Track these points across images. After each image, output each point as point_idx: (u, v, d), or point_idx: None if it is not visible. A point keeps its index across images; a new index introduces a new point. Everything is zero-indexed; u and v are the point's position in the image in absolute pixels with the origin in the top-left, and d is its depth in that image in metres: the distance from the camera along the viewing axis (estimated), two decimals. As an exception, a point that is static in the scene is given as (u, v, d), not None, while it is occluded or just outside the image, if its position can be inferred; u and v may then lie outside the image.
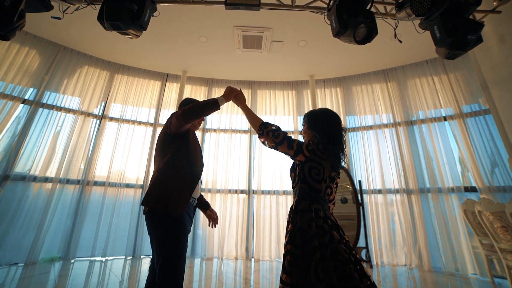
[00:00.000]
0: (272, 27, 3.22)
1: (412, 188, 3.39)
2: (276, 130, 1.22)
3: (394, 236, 3.33)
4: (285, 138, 1.19)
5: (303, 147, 1.16)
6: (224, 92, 1.41)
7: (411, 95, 3.78)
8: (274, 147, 1.22)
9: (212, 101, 1.31)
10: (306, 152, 1.15)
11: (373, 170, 3.74)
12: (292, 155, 1.19)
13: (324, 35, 3.33)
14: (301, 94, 4.34)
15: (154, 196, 1.22)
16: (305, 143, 1.18)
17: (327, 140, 1.18)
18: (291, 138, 1.21)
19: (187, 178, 1.30)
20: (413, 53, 3.65)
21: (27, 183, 3.10)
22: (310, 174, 1.15)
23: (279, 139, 1.19)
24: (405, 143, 3.63)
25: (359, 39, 1.62)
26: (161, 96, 4.13)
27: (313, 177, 1.15)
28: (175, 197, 1.22)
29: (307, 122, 1.31)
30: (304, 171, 1.16)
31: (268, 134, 1.21)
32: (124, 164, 3.66)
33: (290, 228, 1.10)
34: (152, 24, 3.19)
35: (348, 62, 3.92)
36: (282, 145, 1.18)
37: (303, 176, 1.16)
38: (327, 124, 1.23)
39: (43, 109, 3.37)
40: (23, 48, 3.36)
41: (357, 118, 4.09)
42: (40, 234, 3.01)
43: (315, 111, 1.33)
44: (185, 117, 1.24)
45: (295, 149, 1.17)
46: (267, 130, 1.22)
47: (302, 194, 1.15)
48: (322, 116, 1.28)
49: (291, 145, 1.18)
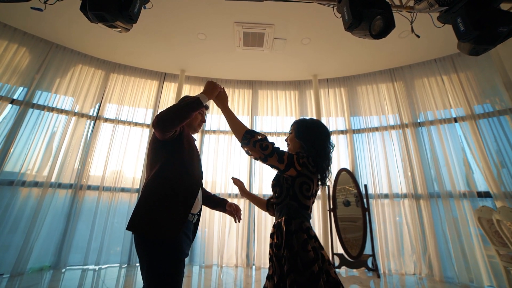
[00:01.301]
0: (274, 23, 3.02)
1: (420, 193, 3.20)
2: (264, 141, 1.08)
3: (402, 243, 3.14)
4: (274, 150, 1.06)
5: (294, 160, 1.06)
6: (204, 87, 1.22)
7: (418, 95, 3.59)
8: (262, 160, 1.07)
9: (193, 99, 1.12)
10: (298, 166, 1.06)
11: (379, 174, 3.55)
12: (282, 169, 1.07)
13: (329, 33, 3.14)
14: (304, 94, 4.15)
15: (140, 218, 1.00)
16: (295, 156, 1.08)
17: (315, 153, 1.12)
18: (280, 149, 1.08)
19: (182, 192, 1.08)
20: (421, 52, 3.46)
21: (15, 188, 2.90)
22: (301, 190, 1.07)
23: (268, 151, 1.05)
24: (413, 145, 3.44)
25: (375, 32, 1.43)
26: (158, 96, 3.94)
27: (304, 193, 1.07)
28: (167, 218, 1.01)
29: (295, 130, 1.23)
30: (294, 187, 1.07)
31: (255, 146, 1.06)
32: (120, 167, 3.47)
33: (286, 253, 0.96)
34: (148, 21, 3.02)
35: (352, 61, 3.74)
36: (272, 158, 1.05)
37: (292, 193, 1.07)
38: (317, 137, 1.17)
39: (34, 110, 3.17)
40: (12, 45, 3.16)
41: (362, 119, 3.90)
42: (28, 242, 2.80)
43: (306, 121, 1.25)
44: (161, 126, 1.01)
45: (286, 163, 1.05)
46: (254, 140, 1.07)
47: (292, 212, 1.05)
48: (314, 127, 1.21)
49: (281, 158, 1.05)
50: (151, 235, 0.98)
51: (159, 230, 0.97)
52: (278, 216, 1.10)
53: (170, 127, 1.03)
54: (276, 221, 1.11)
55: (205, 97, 1.15)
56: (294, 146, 1.23)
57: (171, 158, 1.10)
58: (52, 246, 2.99)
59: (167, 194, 1.04)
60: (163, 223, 0.99)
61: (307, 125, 1.23)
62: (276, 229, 1.06)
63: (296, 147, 1.21)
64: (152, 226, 0.98)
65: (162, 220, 0.99)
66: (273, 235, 1.08)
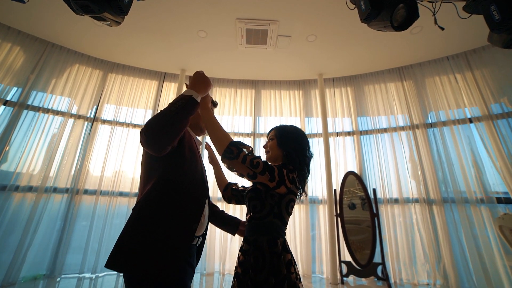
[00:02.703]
0: (278, 19, 2.84)
1: (433, 198, 3.00)
2: (255, 157, 0.94)
3: (414, 251, 2.94)
4: (266, 167, 0.94)
5: (285, 176, 0.96)
6: (191, 80, 0.94)
7: (430, 95, 3.38)
8: (249, 177, 0.93)
9: (185, 100, 0.84)
10: (288, 182, 0.97)
11: (388, 177, 3.35)
12: (271, 187, 0.95)
13: (336, 29, 2.95)
14: (309, 94, 3.96)
15: (127, 253, 0.75)
16: (285, 170, 0.98)
17: (297, 163, 1.04)
18: (269, 165, 0.96)
19: (184, 214, 0.85)
20: (433, 49, 3.26)
21: (8, 193, 2.75)
22: (288, 207, 1.00)
23: (259, 169, 0.92)
24: (424, 147, 3.24)
25: (397, 23, 1.24)
26: (158, 97, 3.77)
27: (289, 211, 1.01)
28: (163, 252, 0.76)
29: (277, 138, 1.13)
30: (281, 205, 0.98)
31: (245, 161, 0.90)
32: (118, 171, 3.30)
33: (272, 280, 0.84)
34: (146, 18, 2.84)
35: (360, 59, 3.54)
36: (264, 176, 0.92)
37: (278, 210, 0.97)
38: (301, 146, 1.10)
39: (28, 111, 3.01)
40: (5, 44, 3.01)
41: (370, 120, 3.70)
42: (21, 250, 2.65)
43: (287, 128, 1.16)
44: (152, 144, 0.77)
45: (277, 180, 0.94)
46: (244, 155, 0.91)
47: (276, 232, 0.96)
48: (297, 136, 1.13)
49: (273, 176, 0.94)
50: (139, 274, 0.73)
51: (151, 269, 0.73)
52: (255, 232, 0.97)
53: (165, 143, 0.78)
54: (251, 237, 0.97)
55: (196, 94, 0.88)
56: (275, 154, 1.11)
57: (167, 173, 0.88)
58: (46, 254, 2.83)
59: (163, 220, 0.81)
60: (158, 259, 0.75)
61: (291, 132, 1.14)
62: (253, 248, 0.92)
63: (277, 155, 1.11)
64: (143, 263, 0.73)
65: (156, 255, 0.75)
66: (248, 253, 0.93)
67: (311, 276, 3.19)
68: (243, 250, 0.97)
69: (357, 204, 3.41)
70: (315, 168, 3.61)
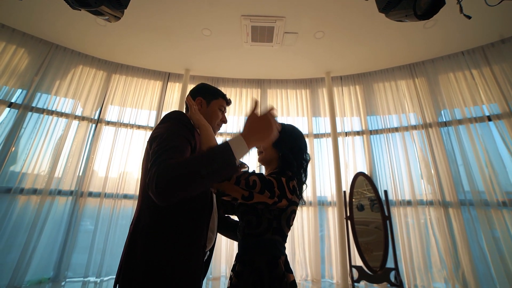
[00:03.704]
0: (285, 16, 2.72)
1: (449, 200, 2.83)
2: (248, 174, 0.79)
3: (429, 256, 2.78)
4: (264, 184, 0.79)
5: (286, 188, 0.81)
6: (249, 124, 0.69)
7: (444, 92, 3.20)
8: (244, 199, 0.78)
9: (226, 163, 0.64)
10: (289, 193, 0.82)
11: (400, 178, 3.19)
12: (271, 204, 0.81)
13: (345, 25, 2.81)
14: (316, 93, 3.82)
15: (129, 278, 0.70)
16: (284, 180, 0.83)
17: (294, 167, 0.92)
18: (267, 180, 0.81)
19: (193, 230, 0.77)
20: (446, 44, 3.08)
21: (13, 196, 2.70)
22: (289, 220, 0.87)
23: (257, 188, 0.77)
24: (438, 146, 3.07)
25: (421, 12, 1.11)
26: (162, 97, 3.69)
27: (289, 223, 0.88)
28: (169, 272, 0.69)
29: None
30: (281, 219, 0.85)
31: (239, 183, 0.75)
32: (122, 173, 3.24)
33: None
34: (149, 17, 2.73)
35: (369, 57, 3.39)
36: (263, 195, 0.78)
37: (277, 225, 0.85)
38: (297, 147, 0.97)
39: (33, 113, 2.97)
40: (10, 46, 2.97)
41: (380, 119, 3.54)
42: (26, 253, 2.60)
43: (284, 126, 1.00)
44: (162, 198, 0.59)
45: (278, 194, 0.79)
46: (237, 176, 0.76)
47: (277, 249, 0.83)
48: (294, 135, 1.01)
49: (273, 192, 0.79)
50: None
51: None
52: (251, 252, 0.83)
53: (180, 196, 0.61)
54: (246, 256, 0.84)
55: (245, 151, 0.66)
56: (269, 155, 0.99)
57: None
58: (51, 257, 2.78)
59: (167, 238, 0.72)
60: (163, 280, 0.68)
61: (288, 131, 1.00)
62: (249, 270, 0.79)
63: (271, 157, 0.98)
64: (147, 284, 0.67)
65: (161, 275, 0.68)
66: (242, 275, 0.79)
67: (321, 281, 3.05)
68: (237, 271, 0.83)
69: (365, 205, 3.26)
70: (323, 169, 3.48)
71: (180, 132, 0.75)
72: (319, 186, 3.46)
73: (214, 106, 1.04)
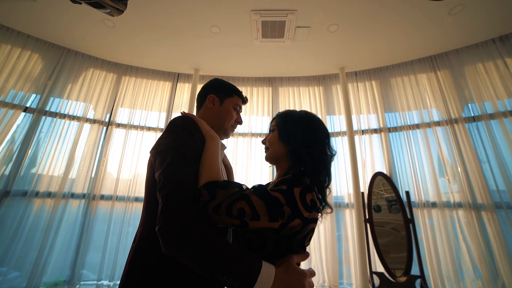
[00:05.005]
0: (297, 9, 2.55)
1: (481, 203, 2.56)
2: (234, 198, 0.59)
3: (459, 264, 2.52)
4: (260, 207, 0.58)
5: (299, 204, 0.59)
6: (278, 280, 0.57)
7: (471, 85, 2.92)
8: (238, 228, 0.58)
9: (242, 280, 0.54)
10: (305, 211, 0.60)
11: (423, 178, 2.94)
12: (277, 228, 0.58)
13: (360, 17, 2.60)
14: (330, 90, 3.61)
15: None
16: (298, 193, 0.60)
17: (309, 166, 0.68)
18: (267, 198, 0.59)
19: None
20: (474, 32, 2.79)
21: (29, 199, 2.70)
22: (303, 241, 0.66)
23: (248, 215, 0.58)
24: (466, 143, 2.79)
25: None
26: (172, 98, 3.61)
27: (305, 243, 0.67)
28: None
29: (278, 127, 0.79)
30: (292, 241, 0.63)
31: (218, 212, 0.57)
32: (133, 175, 3.18)
33: None
34: (155, 16, 2.58)
35: (386, 50, 3.15)
36: (259, 221, 0.57)
37: (287, 248, 0.63)
38: (313, 139, 0.73)
39: (46, 117, 2.97)
40: (25, 52, 2.98)
41: (399, 115, 3.29)
42: (42, 256, 2.59)
43: (294, 114, 0.79)
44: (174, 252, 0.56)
45: (288, 215, 0.58)
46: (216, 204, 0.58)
47: None
48: (308, 123, 0.76)
49: (278, 213, 0.57)
50: None
51: None
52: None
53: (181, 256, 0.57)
54: None
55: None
56: (276, 152, 0.78)
57: None
58: (67, 260, 2.76)
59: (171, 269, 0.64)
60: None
61: (299, 119, 0.78)
62: None
63: (279, 154, 0.77)
64: None
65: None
66: None
67: (338, 287, 2.86)
68: None
69: (382, 206, 3.03)
70: (339, 169, 3.27)
71: (187, 150, 0.68)
72: (335, 187, 3.26)
73: (228, 104, 0.90)
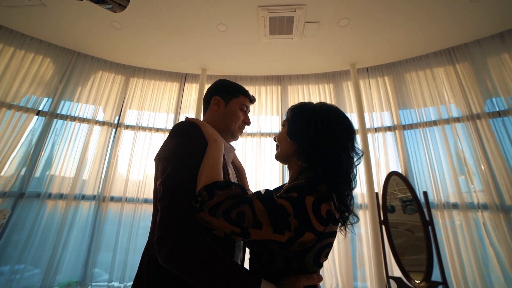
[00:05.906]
0: (305, 3, 2.43)
1: (510, 204, 2.35)
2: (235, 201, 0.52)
3: (487, 270, 2.31)
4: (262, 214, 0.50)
5: (311, 216, 0.49)
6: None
7: (495, 77, 2.70)
8: (237, 236, 0.50)
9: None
10: (319, 224, 0.50)
11: (442, 178, 2.74)
12: (284, 242, 0.49)
13: (372, 9, 2.44)
14: (340, 87, 3.46)
15: None
16: (311, 203, 0.50)
17: (320, 166, 0.57)
18: (271, 205, 0.50)
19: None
20: (499, 19, 2.58)
21: (42, 201, 2.72)
22: (317, 257, 0.56)
23: (248, 221, 0.50)
24: (491, 140, 2.57)
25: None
26: (179, 99, 3.57)
27: (319, 262, 0.57)
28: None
29: (288, 122, 0.69)
30: (305, 258, 0.55)
31: (214, 213, 0.50)
32: (142, 177, 3.15)
33: None
34: (161, 16, 2.52)
35: (399, 44, 2.97)
36: (261, 230, 0.49)
37: (298, 266, 0.55)
38: (327, 134, 0.60)
39: (57, 120, 3.00)
40: (38, 56, 3.02)
41: (414, 112, 3.10)
42: (55, 257, 2.60)
43: (306, 106, 0.67)
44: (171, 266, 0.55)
45: (295, 227, 0.48)
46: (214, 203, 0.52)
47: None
48: (322, 116, 0.62)
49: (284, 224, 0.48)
50: None
51: None
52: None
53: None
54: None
55: None
56: (284, 150, 0.68)
57: None
58: (79, 261, 2.76)
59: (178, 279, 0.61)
60: None
61: (310, 112, 0.65)
62: None
63: (288, 152, 0.67)
64: None
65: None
66: None
67: (353, 292, 2.71)
68: None
69: (396, 206, 2.86)
70: (352, 169, 3.12)
71: (188, 156, 0.66)
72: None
73: (234, 105, 0.85)
